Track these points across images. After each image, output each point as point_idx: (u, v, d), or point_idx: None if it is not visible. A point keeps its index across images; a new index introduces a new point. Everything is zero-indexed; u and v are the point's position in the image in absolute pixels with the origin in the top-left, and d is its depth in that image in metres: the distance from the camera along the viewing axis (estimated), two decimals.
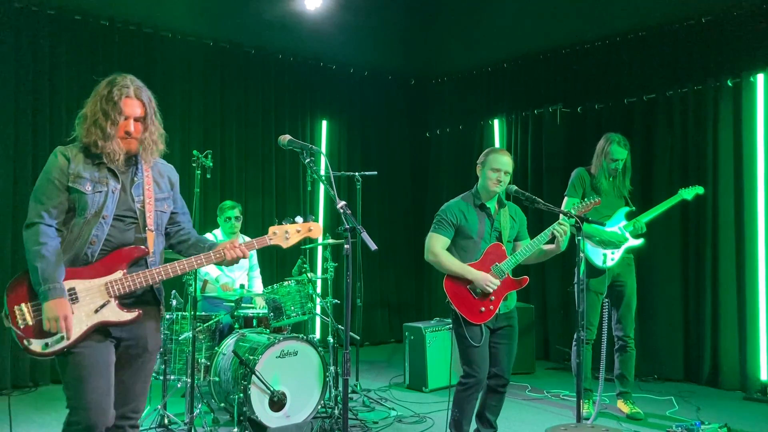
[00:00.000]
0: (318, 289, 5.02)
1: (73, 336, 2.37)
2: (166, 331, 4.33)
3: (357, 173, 5.41)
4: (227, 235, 5.30)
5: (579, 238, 3.31)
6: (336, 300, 4.78)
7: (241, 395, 3.99)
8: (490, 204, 3.64)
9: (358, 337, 5.30)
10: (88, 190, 2.44)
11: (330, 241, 4.81)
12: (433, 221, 3.66)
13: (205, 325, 4.45)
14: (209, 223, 5.67)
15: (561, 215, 3.49)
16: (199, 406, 4.31)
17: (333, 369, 4.57)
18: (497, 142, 7.48)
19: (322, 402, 4.37)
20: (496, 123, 7.57)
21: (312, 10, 6.46)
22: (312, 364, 4.33)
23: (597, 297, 4.60)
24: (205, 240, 2.74)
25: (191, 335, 4.12)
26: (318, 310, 5.17)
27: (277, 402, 4.13)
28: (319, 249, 6.36)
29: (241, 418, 4.02)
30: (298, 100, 7.40)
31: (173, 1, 6.19)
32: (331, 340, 4.76)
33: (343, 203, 2.61)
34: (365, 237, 2.58)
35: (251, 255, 5.38)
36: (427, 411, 4.82)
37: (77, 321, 2.38)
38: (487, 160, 3.61)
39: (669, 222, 5.64)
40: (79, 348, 2.39)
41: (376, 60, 7.91)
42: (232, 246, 2.59)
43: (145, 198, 2.55)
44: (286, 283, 4.53)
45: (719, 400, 5.23)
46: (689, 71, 5.92)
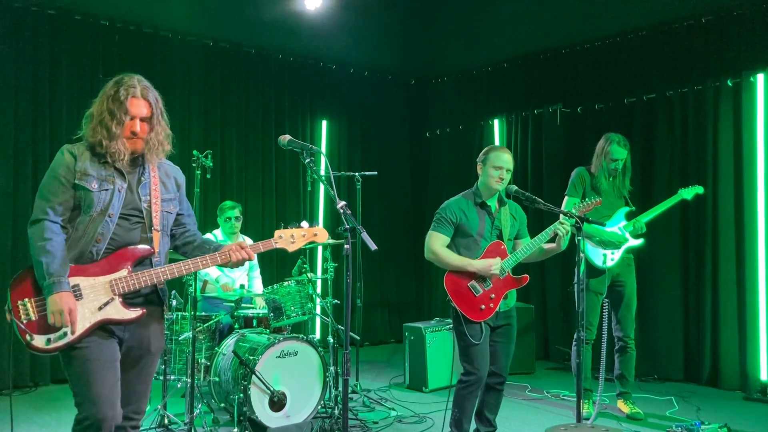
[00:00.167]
0: (318, 289, 5.02)
1: (77, 332, 2.37)
2: (166, 331, 4.32)
3: (357, 173, 5.40)
4: (227, 236, 5.30)
5: (579, 238, 3.32)
6: (336, 300, 4.78)
7: (241, 395, 3.99)
8: (490, 202, 3.64)
9: (358, 337, 5.29)
10: (94, 187, 2.45)
11: (330, 241, 4.81)
12: (433, 219, 3.66)
13: (205, 326, 4.45)
14: (209, 223, 5.67)
15: (561, 215, 3.50)
16: (199, 406, 4.31)
17: (333, 369, 4.57)
18: (497, 142, 7.48)
19: (322, 402, 4.37)
20: (496, 123, 7.57)
21: (312, 10, 6.46)
22: (312, 364, 4.33)
23: (597, 297, 4.60)
24: (210, 242, 2.74)
25: (191, 335, 4.12)
26: (318, 310, 5.17)
27: (277, 402, 4.13)
28: (319, 249, 6.36)
29: (241, 418, 4.02)
30: (298, 100, 7.41)
31: (173, 1, 6.19)
32: (331, 340, 4.76)
33: (343, 203, 2.62)
34: (365, 237, 2.58)
35: None
36: (427, 411, 4.82)
37: (81, 318, 2.38)
38: (488, 157, 3.61)
39: (669, 222, 5.64)
40: (84, 344, 2.39)
41: (376, 60, 7.91)
42: (238, 248, 2.59)
43: (152, 198, 2.56)
44: (286, 284, 4.53)
45: (719, 400, 5.23)
46: (689, 71, 5.92)
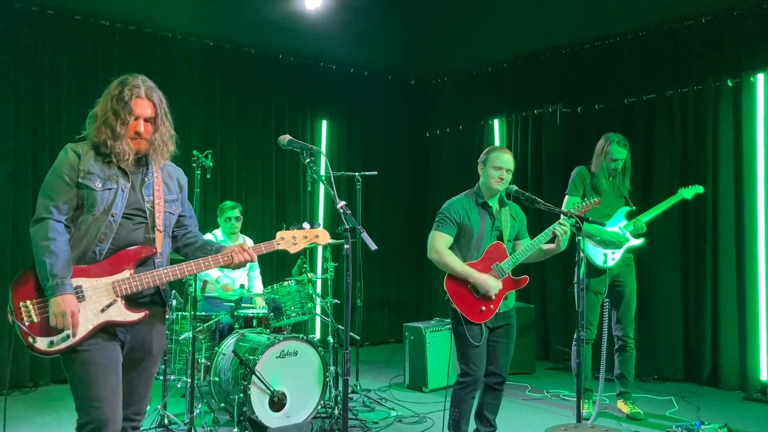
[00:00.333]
0: (318, 289, 5.02)
1: (79, 334, 2.35)
2: (166, 332, 4.33)
3: (357, 173, 5.41)
4: (227, 236, 5.30)
5: (579, 237, 3.32)
6: (336, 300, 4.78)
7: (241, 395, 3.99)
8: (492, 202, 3.64)
9: (358, 337, 5.29)
10: (97, 186, 2.43)
11: (330, 241, 4.80)
12: (436, 218, 3.65)
13: (205, 325, 4.45)
14: (209, 224, 5.67)
15: (561, 215, 3.50)
16: (199, 406, 4.31)
17: (333, 369, 4.57)
18: (497, 142, 7.48)
19: (322, 402, 4.37)
20: (496, 123, 7.57)
21: (312, 10, 6.46)
22: (312, 364, 4.32)
23: (597, 297, 4.60)
24: (212, 243, 2.73)
25: (191, 335, 4.12)
26: (318, 310, 5.17)
27: (277, 402, 4.13)
28: (319, 249, 6.36)
29: (241, 418, 4.02)
30: (298, 100, 7.41)
31: (173, 1, 6.19)
32: (331, 340, 4.76)
33: (343, 203, 2.61)
34: (365, 237, 2.58)
35: None
36: (427, 411, 4.82)
37: (83, 320, 2.36)
38: (489, 158, 3.62)
39: (669, 222, 5.64)
40: (86, 346, 2.37)
41: (376, 60, 7.91)
42: (240, 249, 2.58)
43: (155, 198, 2.55)
44: (286, 283, 4.53)
45: (719, 400, 5.23)
46: (689, 71, 5.91)
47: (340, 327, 4.57)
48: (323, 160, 4.77)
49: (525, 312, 6.05)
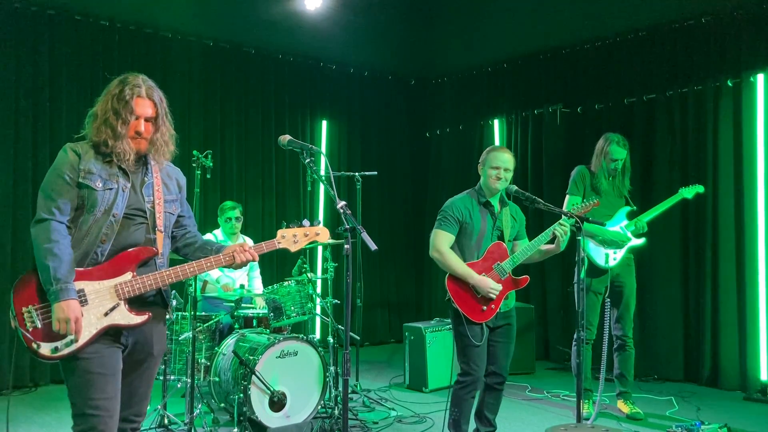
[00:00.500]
0: (318, 289, 5.01)
1: (82, 339, 2.32)
2: (166, 332, 4.33)
3: (357, 173, 5.41)
4: (227, 236, 5.30)
5: (579, 237, 3.32)
6: (336, 300, 4.78)
7: (241, 395, 3.99)
8: (493, 201, 3.65)
9: (358, 337, 5.30)
10: (98, 186, 2.40)
11: (330, 241, 4.81)
12: (438, 217, 3.65)
13: (205, 326, 4.45)
14: (209, 224, 5.67)
15: (562, 215, 3.50)
16: (199, 406, 4.31)
17: (333, 369, 4.57)
18: (497, 142, 7.48)
19: (322, 402, 4.36)
20: (496, 123, 7.57)
21: (312, 10, 6.45)
22: (312, 364, 4.32)
23: (596, 297, 4.61)
24: (212, 243, 2.71)
25: (191, 335, 4.12)
26: (318, 310, 5.17)
27: (277, 402, 4.13)
28: (319, 249, 6.36)
29: (241, 418, 4.02)
30: (298, 100, 7.40)
31: (173, 1, 6.18)
32: (331, 340, 4.76)
33: (343, 203, 2.61)
34: (365, 237, 2.58)
35: None
36: (427, 411, 4.82)
37: (86, 324, 2.32)
38: (487, 158, 3.63)
39: (669, 222, 5.64)
40: (87, 353, 2.33)
41: (376, 60, 7.91)
42: (242, 249, 2.57)
43: (155, 199, 2.53)
44: (286, 283, 4.53)
45: (719, 400, 5.23)
46: (689, 71, 5.92)
47: (340, 327, 4.57)
48: (323, 160, 4.77)
49: (525, 312, 6.05)
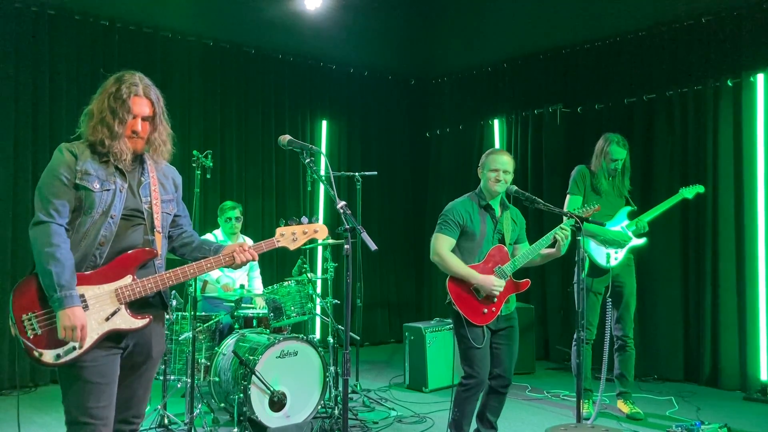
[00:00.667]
0: (318, 289, 5.02)
1: (85, 346, 2.28)
2: (166, 331, 4.33)
3: (357, 173, 5.41)
4: (227, 236, 5.30)
5: (579, 237, 3.31)
6: (336, 300, 4.78)
7: (241, 395, 3.99)
8: (493, 204, 3.64)
9: (358, 337, 5.29)
10: (96, 187, 2.35)
11: (330, 241, 4.81)
12: (438, 220, 3.64)
13: (205, 326, 4.45)
14: (209, 224, 5.67)
15: (563, 216, 3.50)
16: (199, 406, 4.30)
17: (333, 369, 4.57)
18: (497, 142, 7.48)
19: (322, 402, 4.37)
20: (496, 123, 7.57)
21: (312, 10, 6.46)
22: (312, 364, 4.32)
23: (596, 297, 4.61)
24: (209, 242, 2.69)
25: (191, 335, 4.12)
26: (318, 310, 5.17)
27: (277, 402, 4.13)
28: (319, 249, 6.36)
29: (241, 418, 4.02)
30: (298, 100, 7.40)
31: (173, 1, 6.19)
32: (331, 340, 4.76)
33: (343, 203, 2.61)
34: (365, 237, 2.58)
35: None
36: (427, 411, 4.82)
37: (89, 330, 2.28)
38: (486, 161, 3.63)
39: (669, 222, 5.63)
40: (86, 361, 2.30)
41: (376, 60, 7.91)
42: (242, 249, 2.55)
43: (152, 199, 2.49)
44: (286, 284, 4.53)
45: (719, 400, 5.23)
46: (689, 71, 5.91)
47: (340, 327, 4.57)
48: (323, 160, 4.77)
49: (525, 312, 6.05)
